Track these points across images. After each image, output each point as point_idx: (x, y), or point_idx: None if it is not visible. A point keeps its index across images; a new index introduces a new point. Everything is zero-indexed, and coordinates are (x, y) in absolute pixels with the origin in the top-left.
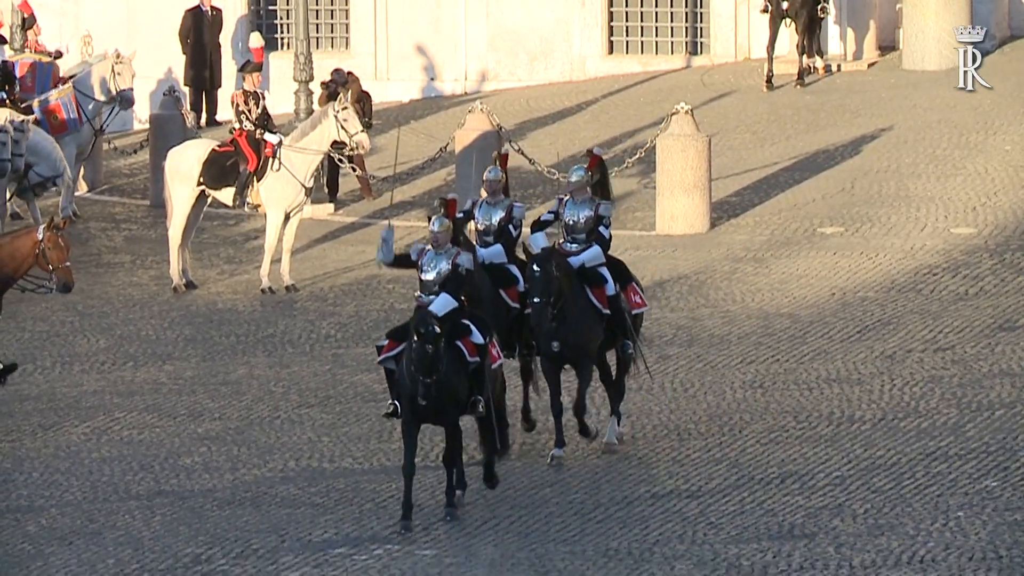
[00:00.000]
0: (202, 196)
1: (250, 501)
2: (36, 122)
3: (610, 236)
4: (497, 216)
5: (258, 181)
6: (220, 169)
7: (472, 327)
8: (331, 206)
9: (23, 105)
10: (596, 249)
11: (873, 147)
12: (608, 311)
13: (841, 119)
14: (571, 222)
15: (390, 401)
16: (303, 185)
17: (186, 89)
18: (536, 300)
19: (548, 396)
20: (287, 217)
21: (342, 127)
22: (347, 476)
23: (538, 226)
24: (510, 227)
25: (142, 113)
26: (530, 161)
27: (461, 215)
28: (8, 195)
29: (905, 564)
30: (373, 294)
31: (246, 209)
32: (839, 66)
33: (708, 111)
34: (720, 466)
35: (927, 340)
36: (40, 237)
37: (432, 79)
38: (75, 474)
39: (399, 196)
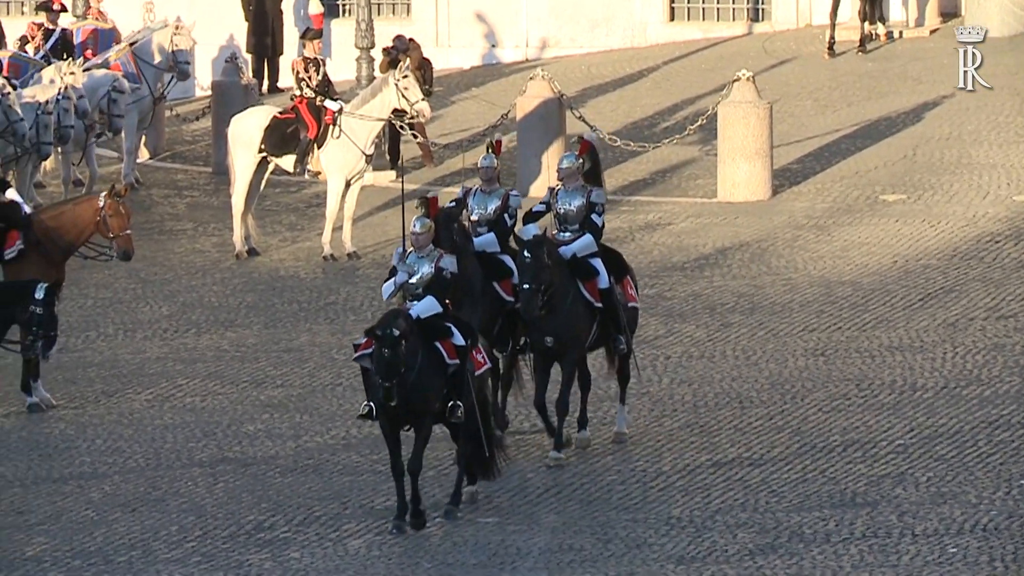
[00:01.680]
0: (264, 163)
1: (312, 468)
2: None
3: (603, 224)
4: (492, 205)
5: (319, 148)
6: (281, 136)
7: (454, 330)
8: (393, 173)
9: (83, 69)
10: (588, 238)
11: (935, 114)
12: (600, 304)
13: (903, 86)
14: (563, 211)
15: (365, 402)
16: (363, 152)
17: (248, 56)
18: (526, 286)
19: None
20: (348, 184)
21: (403, 95)
22: (408, 443)
23: (530, 217)
24: (505, 216)
25: (204, 80)
26: (591, 128)
27: (453, 203)
28: (77, 160)
29: (968, 532)
30: None
31: (307, 176)
32: (901, 32)
33: (769, 78)
34: (782, 434)
35: (989, 308)
36: (101, 204)
37: (493, 46)
38: (138, 441)
39: (459, 164)
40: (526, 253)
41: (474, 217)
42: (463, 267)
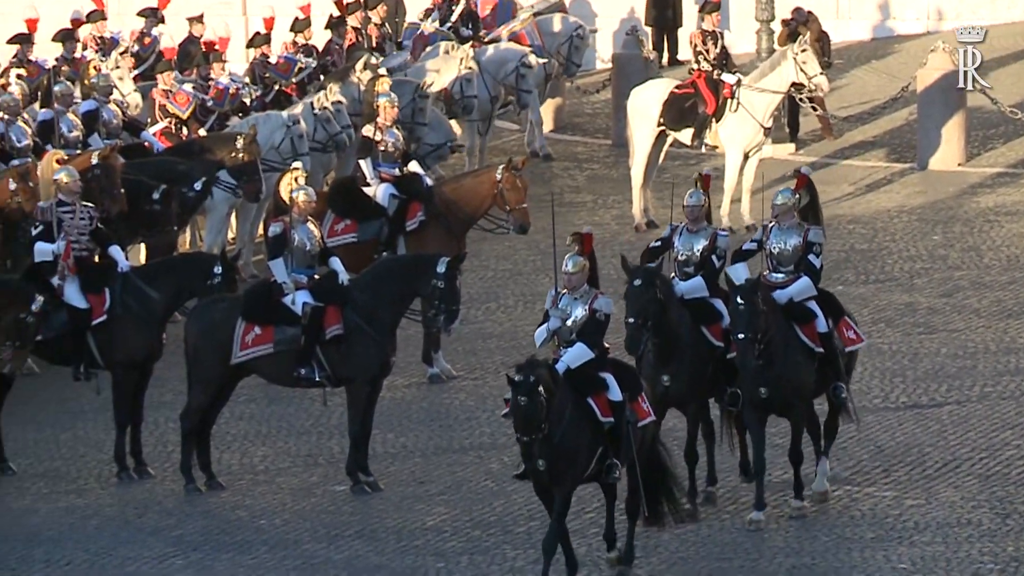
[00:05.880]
0: (662, 135)
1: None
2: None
3: (821, 265)
4: (699, 245)
5: (717, 122)
6: (679, 109)
7: (610, 382)
8: (792, 146)
9: (487, 40)
10: (806, 281)
11: None
12: (821, 349)
13: None
14: (777, 251)
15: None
16: (762, 125)
17: (648, 29)
18: (741, 336)
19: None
20: (746, 157)
21: (801, 69)
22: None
23: (739, 256)
24: (713, 257)
25: (605, 52)
26: (992, 101)
27: (658, 243)
28: (484, 130)
29: None
30: (833, 234)
31: (704, 149)
32: None
33: None
34: None
35: None
36: (499, 177)
37: (893, 17)
38: None
39: (859, 136)
40: (739, 300)
41: (680, 257)
42: (668, 319)
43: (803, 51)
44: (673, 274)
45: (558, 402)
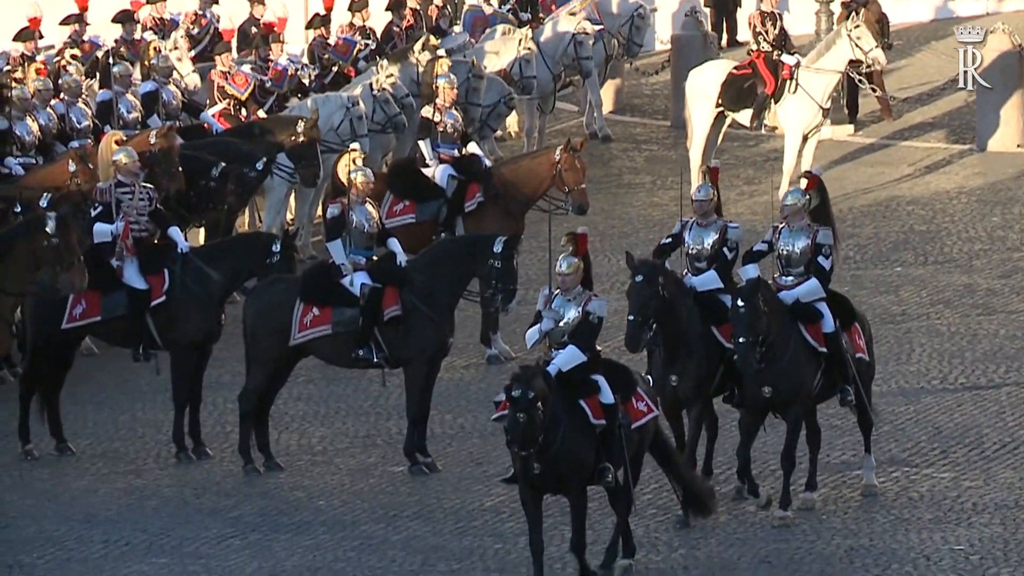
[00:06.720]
0: (721, 117)
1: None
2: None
3: (831, 267)
4: (709, 239)
5: (775, 103)
6: (738, 90)
7: (601, 384)
8: (851, 127)
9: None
10: (813, 282)
11: None
12: (825, 349)
13: None
14: (786, 252)
15: (510, 464)
16: (820, 106)
17: (707, 10)
18: (741, 340)
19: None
20: (805, 138)
21: (856, 45)
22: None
23: (751, 257)
24: (724, 250)
25: (664, 34)
26: None
27: (669, 240)
28: (549, 109)
29: None
30: (892, 216)
31: (763, 130)
32: None
33: None
34: None
35: None
36: (557, 158)
37: None
38: None
39: (919, 117)
40: (740, 302)
41: (691, 252)
42: (674, 317)
43: (857, 27)
44: (685, 269)
45: (553, 407)
